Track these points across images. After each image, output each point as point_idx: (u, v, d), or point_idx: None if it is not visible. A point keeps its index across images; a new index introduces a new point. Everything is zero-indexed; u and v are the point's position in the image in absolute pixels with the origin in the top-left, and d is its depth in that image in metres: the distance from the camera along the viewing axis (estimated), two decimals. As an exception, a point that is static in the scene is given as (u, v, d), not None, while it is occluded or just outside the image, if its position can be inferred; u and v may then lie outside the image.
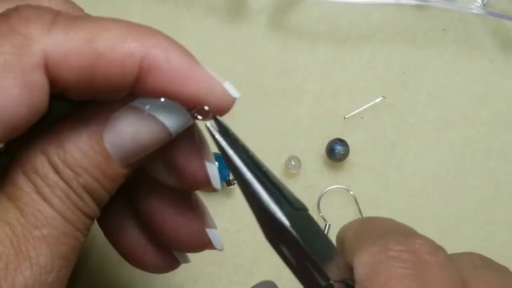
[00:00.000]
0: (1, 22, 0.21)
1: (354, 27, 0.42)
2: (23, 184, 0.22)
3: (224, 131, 0.25)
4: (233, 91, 0.25)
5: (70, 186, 0.23)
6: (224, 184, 0.39)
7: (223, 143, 0.24)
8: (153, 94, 0.23)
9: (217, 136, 0.24)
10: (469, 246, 0.40)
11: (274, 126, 0.41)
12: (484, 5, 0.40)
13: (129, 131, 0.23)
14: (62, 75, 0.22)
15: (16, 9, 0.22)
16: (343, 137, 0.40)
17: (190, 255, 0.40)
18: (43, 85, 0.21)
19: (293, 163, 0.40)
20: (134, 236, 0.29)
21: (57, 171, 0.22)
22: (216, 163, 0.39)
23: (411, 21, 0.42)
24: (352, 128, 0.41)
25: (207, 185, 0.26)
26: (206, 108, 0.24)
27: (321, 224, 0.40)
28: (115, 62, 0.22)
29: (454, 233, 0.40)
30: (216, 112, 0.25)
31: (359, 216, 0.40)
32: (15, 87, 0.21)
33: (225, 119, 0.27)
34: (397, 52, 0.42)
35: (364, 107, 0.41)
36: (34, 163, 0.23)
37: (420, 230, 0.40)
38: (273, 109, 0.41)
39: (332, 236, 0.40)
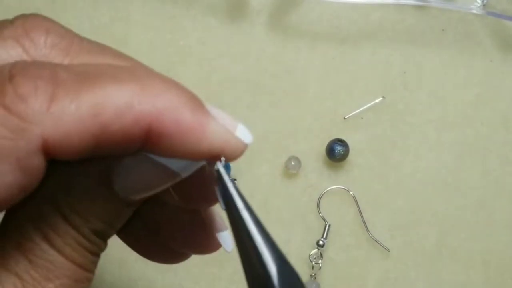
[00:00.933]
0: None
1: (354, 27, 0.42)
2: (33, 235, 0.22)
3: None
4: (247, 136, 0.24)
5: (80, 233, 0.22)
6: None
7: (232, 189, 0.23)
8: (164, 155, 0.22)
9: (227, 179, 0.23)
10: (469, 246, 0.40)
11: (274, 126, 0.41)
12: (483, 5, 0.40)
13: (139, 177, 0.23)
14: (63, 153, 0.20)
15: (11, 78, 0.20)
16: (343, 137, 0.40)
17: (195, 257, 0.40)
18: (41, 166, 0.20)
19: (293, 163, 0.40)
20: (148, 241, 0.29)
21: (66, 220, 0.22)
22: None
23: (411, 21, 0.42)
24: (352, 128, 0.41)
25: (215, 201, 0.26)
26: (223, 159, 0.23)
27: (321, 224, 0.40)
28: (121, 132, 0.21)
29: (454, 233, 0.40)
30: (229, 159, 0.23)
31: (359, 216, 0.40)
32: (10, 172, 0.19)
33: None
34: (397, 52, 0.42)
35: (364, 107, 0.41)
36: (42, 213, 0.22)
37: (420, 230, 0.40)
38: (273, 109, 0.41)
39: (333, 236, 0.40)
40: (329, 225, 0.39)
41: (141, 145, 0.21)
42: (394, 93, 0.41)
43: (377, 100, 0.41)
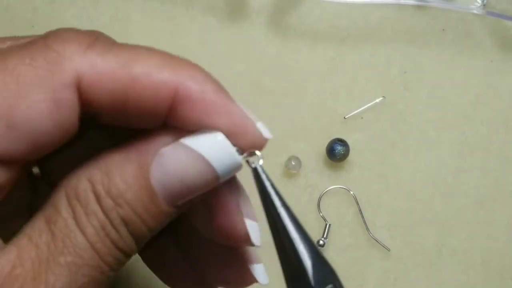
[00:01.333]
0: (38, 39, 0.22)
1: (354, 27, 0.42)
2: (62, 208, 0.22)
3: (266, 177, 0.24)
4: (266, 132, 0.25)
5: (107, 217, 0.22)
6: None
7: (270, 188, 0.24)
8: (186, 126, 0.23)
9: (264, 177, 0.24)
10: (469, 246, 0.40)
11: (274, 126, 0.40)
12: (484, 5, 0.40)
13: (177, 170, 0.22)
14: (95, 97, 0.21)
15: (56, 30, 0.22)
16: (343, 137, 0.40)
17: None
18: (73, 104, 0.21)
19: (293, 163, 0.40)
20: (177, 268, 0.28)
21: (98, 200, 0.22)
22: None
23: (411, 21, 0.42)
24: (352, 128, 0.41)
25: (246, 242, 0.26)
26: (258, 153, 0.24)
27: (321, 224, 0.40)
28: (149, 89, 0.22)
29: (454, 232, 0.40)
30: (249, 148, 0.24)
31: (360, 216, 0.40)
32: (44, 101, 0.21)
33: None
34: (397, 52, 0.42)
35: (364, 107, 0.41)
36: (77, 188, 0.22)
37: (420, 230, 0.40)
38: (273, 109, 0.41)
39: (333, 236, 0.40)
40: (330, 225, 0.39)
41: (167, 111, 0.22)
42: (394, 93, 0.41)
43: (377, 100, 0.41)
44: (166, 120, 0.23)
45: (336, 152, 0.39)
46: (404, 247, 0.40)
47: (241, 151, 0.23)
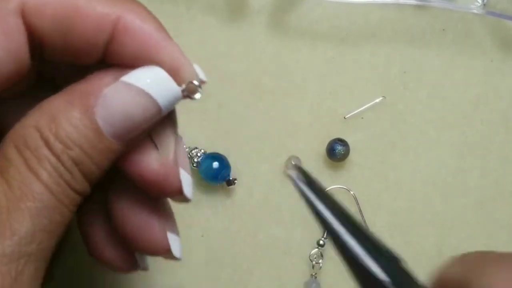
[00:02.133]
0: None
1: (354, 26, 0.42)
2: (13, 157, 0.23)
3: (309, 180, 0.24)
4: (202, 74, 0.26)
5: (59, 160, 0.23)
6: (225, 184, 0.39)
7: (311, 196, 0.23)
8: (125, 60, 0.24)
9: (302, 186, 0.23)
10: (469, 246, 0.40)
11: (274, 126, 0.41)
12: (484, 5, 0.40)
13: (121, 106, 0.23)
14: (38, 23, 0.23)
15: None
16: (343, 137, 0.40)
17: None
18: (19, 29, 0.22)
19: (293, 163, 0.40)
20: (100, 229, 0.29)
21: (48, 145, 0.23)
22: (216, 162, 0.39)
23: (411, 21, 0.42)
24: (352, 128, 0.41)
25: (179, 194, 0.27)
26: (196, 82, 0.25)
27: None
28: (92, 18, 0.23)
29: (454, 233, 0.40)
30: (180, 81, 0.25)
31: (360, 216, 0.40)
32: None
33: (224, 117, 0.27)
34: (397, 52, 0.42)
35: (364, 107, 0.41)
36: (26, 137, 0.23)
37: (420, 229, 0.40)
38: (273, 109, 0.41)
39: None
40: (329, 225, 0.39)
41: (107, 41, 0.23)
42: (394, 92, 0.41)
43: (377, 100, 0.41)
44: (106, 55, 0.24)
45: (336, 152, 0.39)
46: (404, 247, 0.40)
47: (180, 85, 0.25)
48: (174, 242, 0.28)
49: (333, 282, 0.40)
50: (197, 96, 0.26)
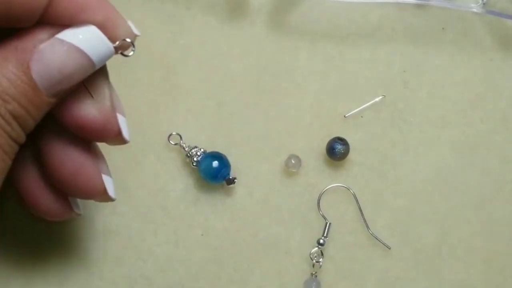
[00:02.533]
0: None
1: (354, 26, 0.42)
2: None
3: None
4: (136, 29, 0.27)
5: None
6: (224, 183, 0.39)
7: None
8: (61, 21, 0.25)
9: None
10: (469, 246, 0.40)
11: (274, 125, 0.41)
12: (483, 4, 0.40)
13: (55, 62, 0.25)
14: None
15: None
16: (343, 136, 0.40)
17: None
18: None
19: (293, 161, 0.40)
20: (32, 178, 0.30)
21: None
22: (216, 161, 0.39)
23: (411, 20, 0.42)
24: (352, 127, 0.41)
25: (118, 137, 0.28)
26: (128, 40, 0.26)
27: (321, 223, 0.40)
28: None
29: (454, 231, 0.40)
30: (110, 35, 0.26)
31: (360, 215, 0.40)
32: None
33: (224, 117, 0.27)
34: (397, 51, 0.42)
35: (364, 105, 0.41)
36: None
37: (420, 229, 0.40)
38: (273, 108, 0.41)
39: (333, 235, 0.40)
40: (330, 224, 0.39)
41: (46, 5, 0.24)
42: (394, 91, 0.41)
43: (377, 99, 0.41)
44: (42, 17, 0.25)
45: (336, 151, 0.39)
46: (404, 246, 0.40)
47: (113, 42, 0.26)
48: (109, 183, 0.30)
49: (333, 281, 0.40)
50: (130, 53, 0.27)
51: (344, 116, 0.41)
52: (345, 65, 0.41)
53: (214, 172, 0.38)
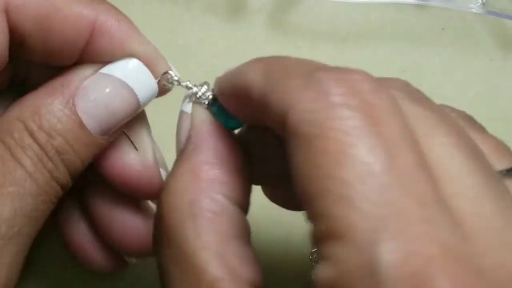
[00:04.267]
0: None
1: (353, 26, 0.42)
2: None
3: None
4: (175, 70, 0.27)
5: (43, 149, 0.23)
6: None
7: None
8: (103, 57, 0.25)
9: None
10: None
11: (274, 125, 0.41)
12: (483, 4, 0.40)
13: (100, 97, 0.24)
14: (20, 22, 0.23)
15: None
16: (343, 136, 0.40)
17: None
18: (2, 27, 0.23)
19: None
20: (84, 235, 0.29)
21: (32, 135, 0.23)
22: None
23: (410, 20, 0.42)
24: (352, 127, 0.41)
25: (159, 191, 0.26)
26: (171, 73, 0.26)
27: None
28: (71, 19, 0.24)
29: (454, 232, 0.40)
30: (155, 72, 0.26)
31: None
32: None
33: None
34: (396, 51, 0.42)
35: (364, 106, 0.41)
36: (9, 129, 0.23)
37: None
38: (273, 108, 0.41)
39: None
40: (329, 224, 0.39)
41: (86, 39, 0.24)
42: (394, 92, 0.41)
43: (377, 99, 0.41)
44: (84, 55, 0.25)
45: (336, 151, 0.39)
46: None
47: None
48: None
49: (333, 281, 0.40)
50: (171, 87, 0.27)
51: (344, 116, 0.41)
52: (345, 65, 0.41)
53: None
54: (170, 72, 0.26)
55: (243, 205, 0.23)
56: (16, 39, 0.24)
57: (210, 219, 0.21)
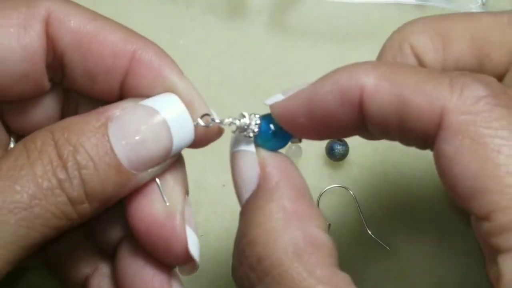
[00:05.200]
0: None
1: (353, 26, 0.42)
2: (17, 149, 0.23)
3: None
4: (212, 111, 0.26)
5: (61, 158, 0.23)
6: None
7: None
8: (142, 90, 0.25)
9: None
10: (469, 245, 0.40)
11: (273, 125, 0.41)
12: (483, 4, 0.40)
13: (133, 124, 0.24)
14: (60, 35, 0.24)
15: None
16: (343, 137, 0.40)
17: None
18: (39, 32, 0.24)
19: (293, 147, 0.40)
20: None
21: (56, 144, 0.23)
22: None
23: (410, 20, 0.42)
24: (352, 127, 0.41)
25: (184, 253, 0.26)
26: (209, 113, 0.25)
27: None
28: (110, 45, 0.24)
29: (454, 232, 0.40)
30: (194, 113, 0.25)
31: (359, 215, 0.40)
32: (16, 26, 0.23)
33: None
34: (396, 51, 0.42)
35: (364, 106, 0.41)
36: (36, 136, 0.23)
37: (419, 229, 0.40)
38: (272, 108, 0.41)
39: (333, 235, 0.40)
40: (329, 224, 0.39)
41: (125, 70, 0.24)
42: (393, 92, 0.41)
43: (376, 99, 0.41)
44: (124, 86, 0.25)
45: (336, 151, 0.39)
46: (404, 246, 0.40)
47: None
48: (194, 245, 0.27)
49: (333, 281, 0.40)
50: (209, 127, 0.26)
51: (344, 116, 0.41)
52: (345, 65, 0.41)
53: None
54: (210, 114, 0.26)
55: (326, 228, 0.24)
56: (56, 55, 0.24)
57: (315, 253, 0.22)
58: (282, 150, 0.35)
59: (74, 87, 0.26)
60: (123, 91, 0.25)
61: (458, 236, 0.40)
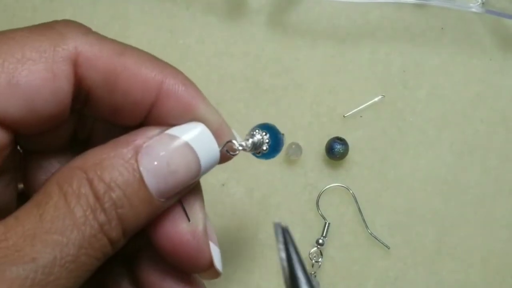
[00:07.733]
0: (43, 23, 0.24)
1: (353, 25, 0.42)
2: (54, 193, 0.23)
3: (289, 239, 0.25)
4: (239, 138, 0.27)
5: (99, 200, 0.23)
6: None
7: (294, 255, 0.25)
8: (169, 119, 0.25)
9: (282, 247, 0.25)
10: (469, 245, 0.40)
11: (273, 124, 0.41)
12: (483, 3, 0.40)
13: (164, 156, 0.24)
14: (88, 75, 0.24)
15: (59, 20, 0.25)
16: (343, 136, 0.40)
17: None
18: (68, 76, 0.23)
19: (293, 146, 0.40)
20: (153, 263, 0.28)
21: (91, 185, 0.23)
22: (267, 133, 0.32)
23: (410, 19, 0.42)
24: (352, 127, 0.41)
25: (209, 267, 0.26)
26: (235, 142, 0.26)
27: (321, 223, 0.40)
28: (138, 78, 0.24)
29: (454, 231, 0.40)
30: (220, 140, 0.26)
31: (359, 214, 0.40)
32: (44, 70, 0.23)
33: (223, 116, 0.27)
34: (396, 51, 0.42)
35: (364, 105, 0.41)
36: (70, 176, 0.23)
37: (419, 229, 0.40)
38: (272, 107, 0.41)
39: (333, 235, 0.40)
40: (329, 224, 0.39)
41: (152, 102, 0.24)
42: (393, 91, 0.41)
43: (376, 99, 0.41)
44: (149, 117, 0.25)
45: (336, 150, 0.39)
46: (403, 246, 0.40)
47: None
48: (216, 255, 0.28)
49: (333, 281, 0.40)
50: (234, 155, 0.26)
51: (344, 116, 0.41)
52: (344, 64, 0.41)
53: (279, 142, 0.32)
54: (234, 141, 0.26)
55: None
56: (82, 92, 0.24)
57: None
58: (283, 149, 0.35)
59: (96, 115, 0.26)
60: (147, 119, 0.25)
61: (457, 235, 0.40)
